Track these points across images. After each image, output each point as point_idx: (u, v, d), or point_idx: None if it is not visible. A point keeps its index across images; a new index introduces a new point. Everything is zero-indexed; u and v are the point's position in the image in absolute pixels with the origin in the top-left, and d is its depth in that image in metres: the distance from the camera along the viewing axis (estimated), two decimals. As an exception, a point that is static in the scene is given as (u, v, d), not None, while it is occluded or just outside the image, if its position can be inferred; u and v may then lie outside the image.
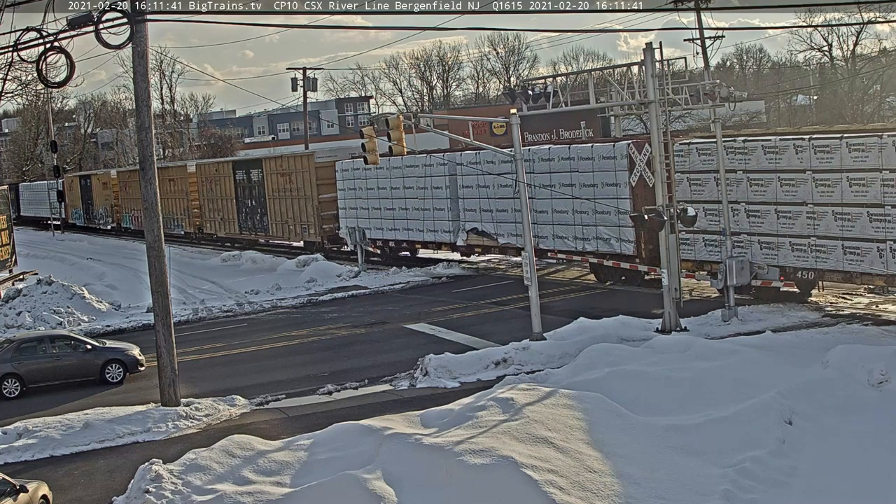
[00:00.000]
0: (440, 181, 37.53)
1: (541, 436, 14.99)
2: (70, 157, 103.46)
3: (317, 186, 44.25)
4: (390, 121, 23.81)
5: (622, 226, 29.52)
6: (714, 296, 27.81)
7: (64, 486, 16.93)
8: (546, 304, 26.40)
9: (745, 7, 61.28)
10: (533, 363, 22.11)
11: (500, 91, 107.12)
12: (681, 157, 27.50)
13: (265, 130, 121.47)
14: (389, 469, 14.35)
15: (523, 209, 24.48)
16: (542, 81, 28.54)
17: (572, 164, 31.36)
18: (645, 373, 18.49)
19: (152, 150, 20.90)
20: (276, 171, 47.92)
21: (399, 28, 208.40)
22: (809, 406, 16.40)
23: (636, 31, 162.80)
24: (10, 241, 44.36)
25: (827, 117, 57.16)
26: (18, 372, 23.82)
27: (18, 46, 17.88)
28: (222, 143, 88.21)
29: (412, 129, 25.12)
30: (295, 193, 45.81)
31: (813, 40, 66.29)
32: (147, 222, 20.85)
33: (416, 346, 25.14)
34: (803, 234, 24.61)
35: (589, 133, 63.91)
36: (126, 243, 62.14)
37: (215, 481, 15.00)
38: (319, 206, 44.34)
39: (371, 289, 35.88)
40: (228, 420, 20.46)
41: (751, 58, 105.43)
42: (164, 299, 20.77)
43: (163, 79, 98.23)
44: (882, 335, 21.79)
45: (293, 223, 46.50)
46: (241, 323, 32.03)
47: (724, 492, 13.57)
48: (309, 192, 44.74)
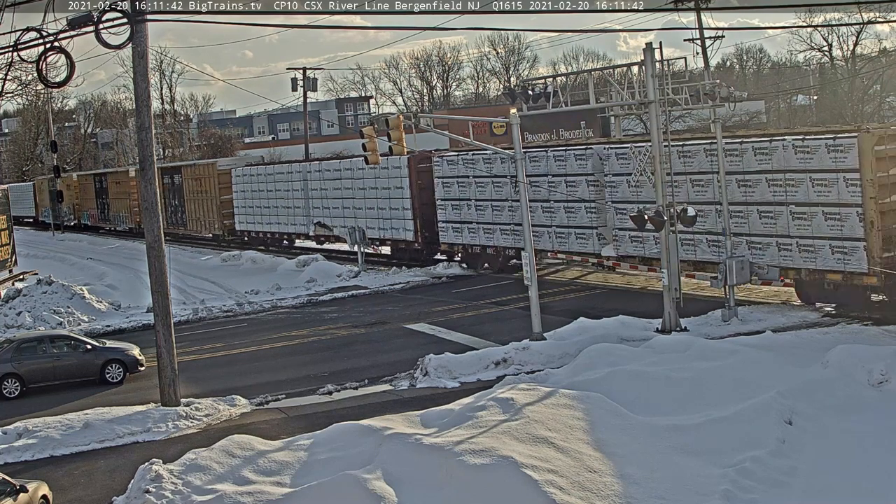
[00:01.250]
0: (298, 185, 47.45)
1: (541, 436, 14.99)
2: (70, 157, 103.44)
3: (219, 189, 54.02)
4: (390, 121, 23.84)
5: (405, 219, 39.58)
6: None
7: (64, 486, 16.93)
8: (546, 304, 26.40)
9: (745, 7, 61.27)
10: (533, 363, 22.11)
11: (500, 91, 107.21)
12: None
13: (265, 130, 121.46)
14: (389, 469, 14.35)
15: (523, 209, 24.48)
16: (542, 81, 28.54)
17: (377, 171, 39.86)
18: (645, 373, 18.48)
19: (152, 150, 20.89)
20: (191, 176, 58.22)
21: (399, 28, 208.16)
22: (809, 406, 16.40)
23: (636, 31, 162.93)
24: (10, 241, 44.36)
25: (827, 117, 57.15)
26: (18, 372, 23.81)
27: (18, 46, 17.86)
28: (222, 144, 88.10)
29: (412, 129, 25.16)
30: (204, 195, 55.69)
31: (813, 40, 66.35)
32: (147, 222, 20.84)
33: (416, 346, 25.14)
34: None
35: (589, 133, 63.92)
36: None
37: (215, 481, 15.00)
38: (221, 205, 54.21)
39: (371, 289, 35.89)
40: (228, 420, 20.46)
41: (751, 58, 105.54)
42: (164, 299, 20.76)
43: (163, 79, 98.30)
44: (882, 335, 21.79)
45: (204, 219, 56.34)
46: (241, 323, 32.03)
47: (724, 492, 13.56)
48: (213, 193, 54.62)
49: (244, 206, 52.44)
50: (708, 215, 26.53)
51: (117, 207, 69.62)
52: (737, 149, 25.88)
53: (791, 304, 26.11)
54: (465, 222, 36.85)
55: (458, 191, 37.03)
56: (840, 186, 23.38)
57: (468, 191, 36.33)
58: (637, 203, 27.95)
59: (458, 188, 37.04)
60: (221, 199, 54.02)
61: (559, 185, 32.15)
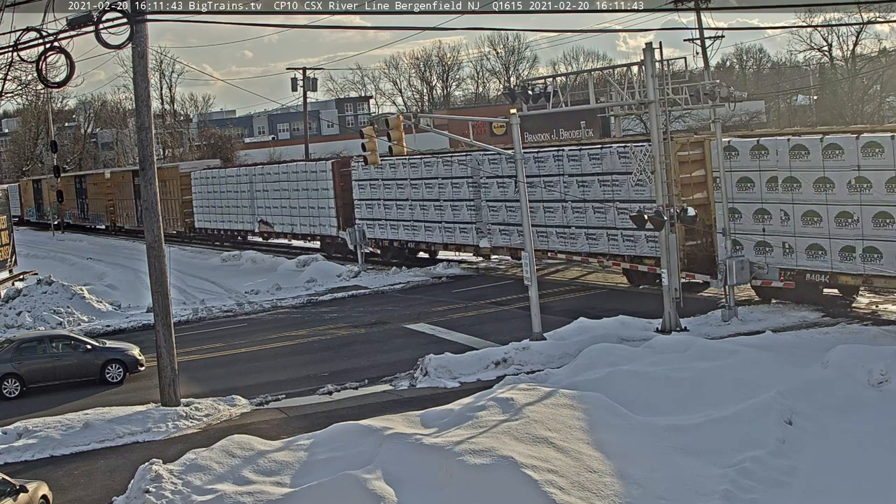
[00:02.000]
0: (245, 187, 52.70)
1: (541, 436, 14.99)
2: (70, 157, 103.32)
3: (181, 190, 59.06)
4: (390, 121, 23.85)
5: (330, 216, 44.93)
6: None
7: (64, 486, 16.93)
8: (546, 304, 26.40)
9: (745, 7, 61.32)
10: (533, 363, 22.11)
11: (500, 91, 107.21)
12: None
13: (265, 130, 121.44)
14: (389, 469, 14.34)
15: (523, 210, 24.48)
16: (542, 81, 28.54)
17: (308, 175, 46.47)
18: (645, 373, 18.48)
19: (152, 150, 20.90)
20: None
21: (399, 28, 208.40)
22: (809, 406, 16.39)
23: (636, 31, 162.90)
24: (10, 241, 44.32)
25: (827, 117, 57.18)
26: (18, 372, 23.81)
27: (18, 46, 17.87)
28: (222, 144, 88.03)
29: (412, 129, 25.16)
30: (169, 195, 59.04)
31: (813, 40, 66.39)
32: (147, 222, 20.84)
33: (416, 346, 25.14)
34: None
35: (589, 133, 63.94)
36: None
37: (215, 481, 14.99)
38: (183, 205, 59.34)
39: (371, 289, 35.88)
40: (228, 420, 20.45)
41: (751, 58, 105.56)
42: (164, 299, 20.76)
43: (163, 79, 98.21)
44: (882, 335, 21.79)
45: (168, 217, 59.06)
46: (241, 323, 32.03)
47: (724, 492, 13.57)
48: (177, 194, 59.51)
49: (202, 205, 57.73)
50: (556, 210, 32.23)
51: (95, 207, 75.16)
52: (577, 154, 31.25)
53: (791, 305, 26.06)
54: (377, 219, 41.61)
55: (371, 192, 41.93)
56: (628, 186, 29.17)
57: (378, 192, 41.43)
58: (504, 202, 34.39)
59: (371, 190, 41.94)
60: (183, 199, 59.20)
61: (446, 186, 37.63)
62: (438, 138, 37.83)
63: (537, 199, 32.00)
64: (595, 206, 30.62)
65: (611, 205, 30.04)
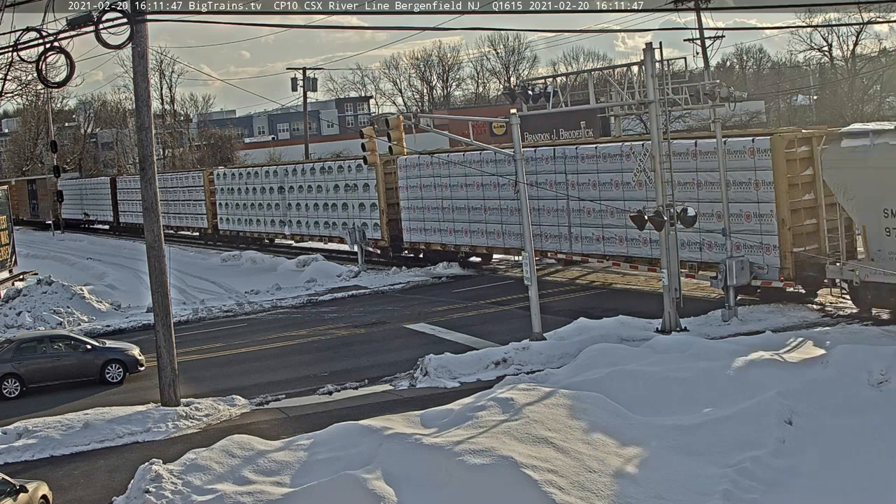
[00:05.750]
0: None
1: (541, 436, 14.99)
2: (70, 157, 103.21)
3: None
4: (390, 121, 23.87)
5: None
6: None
7: (64, 486, 16.93)
8: (546, 304, 26.40)
9: (745, 7, 61.28)
10: (533, 363, 22.11)
11: (500, 91, 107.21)
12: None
13: (265, 130, 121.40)
14: (389, 469, 14.34)
15: (523, 209, 24.47)
16: (542, 81, 28.53)
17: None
18: (645, 373, 18.47)
19: (152, 150, 20.89)
20: None
21: (398, 28, 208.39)
22: (809, 406, 16.37)
23: (635, 31, 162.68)
24: (10, 241, 44.31)
25: (827, 117, 57.14)
26: (18, 372, 23.81)
27: (18, 46, 17.85)
28: (222, 144, 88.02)
29: (412, 130, 25.16)
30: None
31: (813, 40, 66.39)
32: (147, 222, 20.83)
33: (416, 346, 25.14)
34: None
35: (589, 133, 63.90)
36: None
37: (215, 481, 14.99)
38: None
39: (371, 289, 35.87)
40: (228, 420, 20.46)
41: (751, 58, 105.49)
42: (164, 299, 20.76)
43: (162, 79, 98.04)
44: (882, 335, 21.77)
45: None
46: (241, 323, 32.03)
47: (724, 492, 13.56)
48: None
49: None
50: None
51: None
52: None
53: (790, 305, 26.04)
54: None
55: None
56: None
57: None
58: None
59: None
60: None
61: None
62: (439, 138, 37.77)
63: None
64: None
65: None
